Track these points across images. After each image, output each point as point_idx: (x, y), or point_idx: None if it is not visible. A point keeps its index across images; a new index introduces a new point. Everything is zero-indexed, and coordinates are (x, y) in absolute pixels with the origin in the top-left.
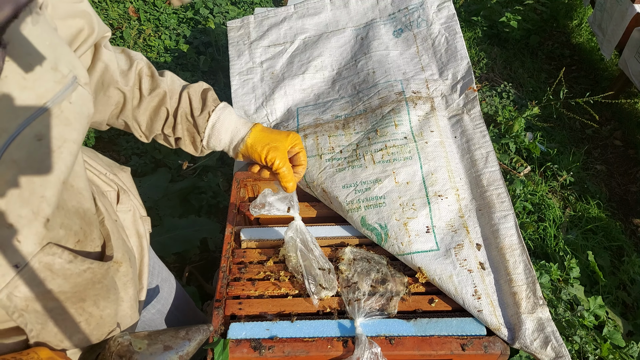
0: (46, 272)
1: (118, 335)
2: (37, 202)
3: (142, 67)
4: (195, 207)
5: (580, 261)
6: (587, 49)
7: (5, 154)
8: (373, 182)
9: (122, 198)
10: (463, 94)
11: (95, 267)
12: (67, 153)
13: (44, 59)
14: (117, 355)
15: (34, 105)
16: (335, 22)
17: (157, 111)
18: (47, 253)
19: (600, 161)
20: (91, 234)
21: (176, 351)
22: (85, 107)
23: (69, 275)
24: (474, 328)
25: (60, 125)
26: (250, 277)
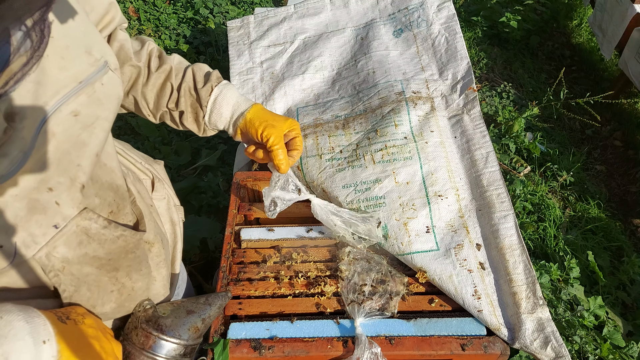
0: (82, 236)
1: (140, 303)
2: (74, 170)
3: (152, 47)
4: (195, 207)
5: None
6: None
7: (45, 126)
8: (373, 182)
9: (156, 186)
10: (463, 94)
11: (128, 235)
12: (99, 129)
13: (79, 43)
14: (145, 321)
15: (70, 84)
16: (335, 22)
17: (163, 87)
18: (84, 217)
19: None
20: (124, 208)
21: (199, 315)
22: (115, 89)
23: (104, 241)
24: (474, 328)
25: (93, 104)
26: (250, 277)
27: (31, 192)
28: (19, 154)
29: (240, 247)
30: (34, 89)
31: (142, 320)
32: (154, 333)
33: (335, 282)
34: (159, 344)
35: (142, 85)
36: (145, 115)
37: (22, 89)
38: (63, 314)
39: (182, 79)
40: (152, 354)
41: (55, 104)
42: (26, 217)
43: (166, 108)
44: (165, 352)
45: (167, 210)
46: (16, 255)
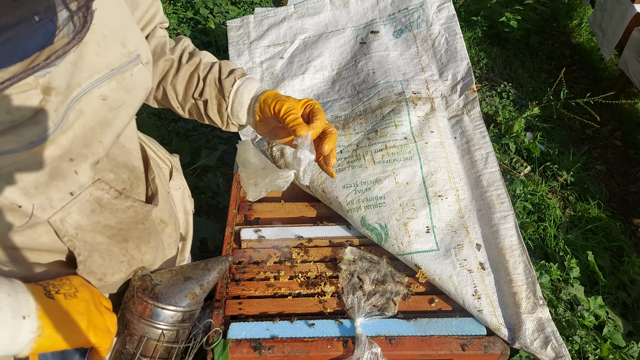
0: (95, 205)
1: (138, 270)
2: (95, 145)
3: (187, 44)
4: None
5: (580, 261)
6: (587, 49)
7: (76, 104)
8: (373, 183)
9: (174, 175)
10: (463, 94)
11: (138, 206)
12: (124, 113)
13: (116, 34)
14: (140, 289)
15: (103, 70)
16: (335, 22)
17: (191, 78)
18: (97, 187)
19: (601, 161)
20: (137, 187)
21: (197, 281)
22: (144, 80)
23: (115, 210)
24: (474, 328)
25: (121, 90)
26: (250, 277)
27: (55, 160)
28: (51, 125)
29: (240, 247)
30: (71, 69)
31: (138, 289)
32: (150, 302)
33: (335, 282)
34: (156, 312)
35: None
36: (174, 108)
37: (61, 67)
38: (54, 286)
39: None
40: (150, 322)
41: (87, 86)
42: (47, 181)
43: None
44: (162, 319)
45: (182, 200)
46: (32, 216)
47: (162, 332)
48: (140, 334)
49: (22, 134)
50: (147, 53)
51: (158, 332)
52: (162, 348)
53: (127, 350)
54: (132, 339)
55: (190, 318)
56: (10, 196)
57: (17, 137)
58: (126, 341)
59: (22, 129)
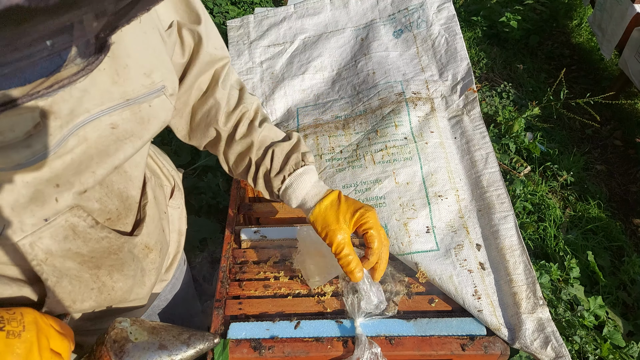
0: (69, 231)
1: (120, 319)
2: (87, 175)
3: (246, 111)
4: (195, 207)
5: (580, 261)
6: (587, 48)
7: (80, 129)
8: (373, 183)
9: (175, 194)
10: (463, 95)
11: (112, 238)
12: (130, 146)
13: (141, 65)
14: (112, 340)
15: (118, 99)
16: (334, 23)
17: (242, 157)
18: (74, 214)
19: (601, 161)
20: (125, 217)
21: (169, 353)
22: (162, 113)
23: (88, 240)
24: (474, 328)
25: (133, 121)
26: (250, 277)
27: (41, 183)
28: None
29: (240, 247)
30: (78, 95)
31: (109, 340)
32: (112, 357)
33: (335, 282)
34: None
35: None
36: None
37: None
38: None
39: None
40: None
41: (97, 113)
42: (25, 204)
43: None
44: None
45: (178, 220)
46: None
47: None
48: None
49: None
50: (175, 84)
51: None
52: None
53: None
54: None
55: None
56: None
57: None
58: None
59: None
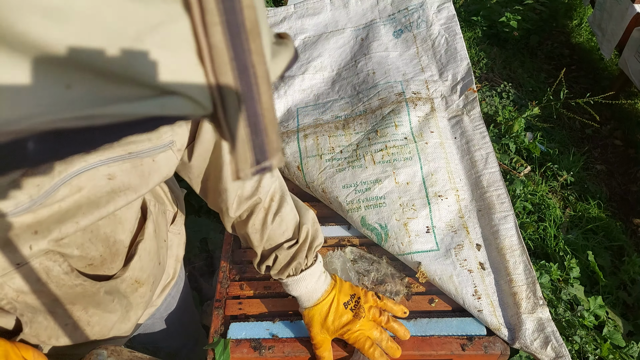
0: (42, 274)
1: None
2: (69, 225)
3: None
4: (195, 207)
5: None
6: (587, 48)
7: (75, 179)
8: (373, 183)
9: (177, 220)
10: (463, 95)
11: (87, 285)
12: (123, 198)
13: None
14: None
15: (119, 151)
16: (334, 23)
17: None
18: (49, 258)
19: (601, 161)
20: (111, 263)
21: None
22: (165, 168)
23: (62, 285)
24: (474, 328)
25: (133, 174)
26: (250, 277)
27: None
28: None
29: (240, 247)
30: None
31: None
32: None
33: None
34: None
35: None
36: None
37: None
38: None
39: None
40: None
41: (95, 163)
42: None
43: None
44: None
45: (177, 246)
46: None
47: None
48: None
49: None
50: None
51: None
52: None
53: None
54: None
55: None
56: None
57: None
58: None
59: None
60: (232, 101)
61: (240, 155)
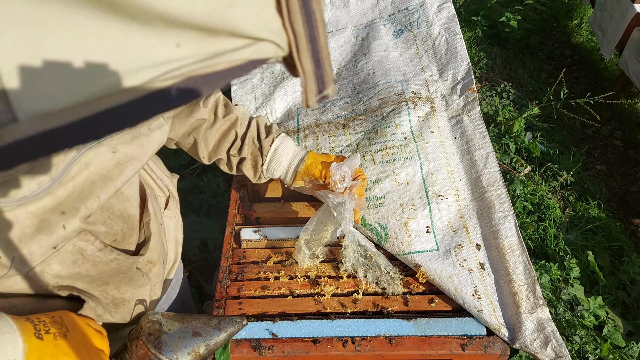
0: (77, 256)
1: (151, 313)
2: (91, 200)
3: (219, 96)
4: (195, 207)
5: (580, 261)
6: (587, 48)
7: (82, 156)
8: (373, 182)
9: (170, 204)
10: (463, 94)
11: (122, 259)
12: (130, 169)
13: None
14: (147, 333)
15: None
16: (335, 22)
17: (226, 133)
18: (81, 239)
19: (601, 161)
20: (130, 237)
21: (204, 339)
22: (160, 136)
23: (97, 263)
24: (473, 328)
25: (133, 145)
26: (250, 277)
27: (45, 212)
28: (47, 180)
29: (240, 247)
30: None
31: (144, 333)
32: (152, 350)
33: (335, 282)
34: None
35: (205, 129)
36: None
37: None
38: (44, 324)
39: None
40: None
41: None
42: (32, 235)
43: (225, 154)
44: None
45: (174, 230)
46: (11, 269)
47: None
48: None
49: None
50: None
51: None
52: None
53: None
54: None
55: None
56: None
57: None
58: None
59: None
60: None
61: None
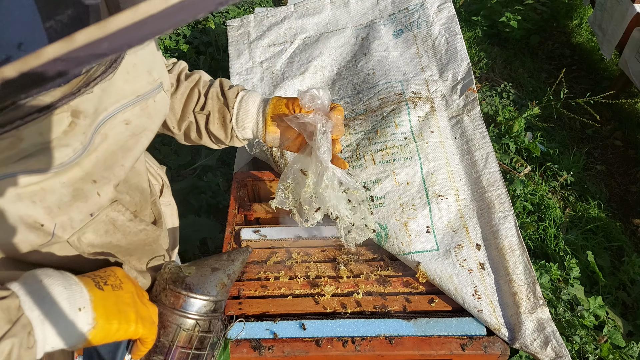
0: (110, 226)
1: (167, 263)
2: (117, 168)
3: (184, 66)
4: (195, 207)
5: (580, 261)
6: (587, 48)
7: (101, 127)
8: (373, 182)
9: (164, 191)
10: (463, 94)
11: (150, 230)
12: (145, 138)
13: (144, 63)
14: (171, 281)
15: (130, 96)
16: (335, 22)
17: (190, 94)
18: (113, 209)
19: (601, 161)
20: (146, 209)
21: (224, 271)
22: (164, 107)
23: (128, 232)
24: (473, 328)
25: (144, 116)
26: (250, 277)
27: (77, 181)
28: (80, 147)
29: (240, 247)
30: (99, 94)
31: (169, 282)
32: (183, 292)
33: (335, 282)
34: (189, 302)
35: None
36: (170, 128)
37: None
38: (102, 278)
39: (210, 85)
40: (183, 313)
41: (113, 110)
42: (69, 202)
43: (192, 114)
44: (196, 309)
45: (170, 217)
46: (54, 235)
47: (197, 322)
48: (175, 325)
49: (53, 155)
50: (168, 80)
51: (192, 323)
52: (197, 338)
53: (162, 343)
54: (166, 331)
55: (220, 308)
56: (34, 214)
57: (47, 158)
58: (160, 334)
59: (52, 151)
60: None
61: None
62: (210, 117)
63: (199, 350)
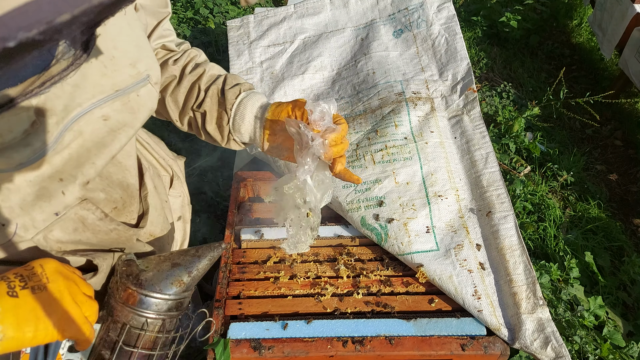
0: (78, 224)
1: (124, 255)
2: (87, 166)
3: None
4: (195, 207)
5: (580, 261)
6: (587, 48)
7: (75, 124)
8: (373, 183)
9: (175, 183)
10: (463, 94)
11: (121, 230)
12: (123, 135)
13: (126, 55)
14: (125, 274)
15: (107, 90)
16: (334, 22)
17: (192, 89)
18: (83, 207)
19: (601, 161)
20: (130, 205)
21: (185, 268)
22: (150, 102)
23: (97, 232)
24: (474, 328)
25: (124, 111)
26: (250, 277)
27: (44, 180)
28: (41, 147)
29: (240, 247)
30: (70, 90)
31: (122, 275)
32: (134, 288)
33: (335, 282)
34: (141, 300)
35: (173, 88)
36: (174, 121)
37: (59, 89)
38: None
39: (213, 82)
40: (134, 309)
41: (89, 106)
42: (32, 202)
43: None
44: (147, 307)
45: (181, 208)
46: (15, 235)
47: (146, 321)
48: (123, 322)
49: (11, 156)
50: (158, 72)
51: (142, 320)
52: (146, 337)
53: (110, 338)
54: (115, 326)
55: (177, 307)
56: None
57: (5, 159)
58: (110, 328)
59: (10, 151)
60: None
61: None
62: (207, 117)
63: (149, 350)
